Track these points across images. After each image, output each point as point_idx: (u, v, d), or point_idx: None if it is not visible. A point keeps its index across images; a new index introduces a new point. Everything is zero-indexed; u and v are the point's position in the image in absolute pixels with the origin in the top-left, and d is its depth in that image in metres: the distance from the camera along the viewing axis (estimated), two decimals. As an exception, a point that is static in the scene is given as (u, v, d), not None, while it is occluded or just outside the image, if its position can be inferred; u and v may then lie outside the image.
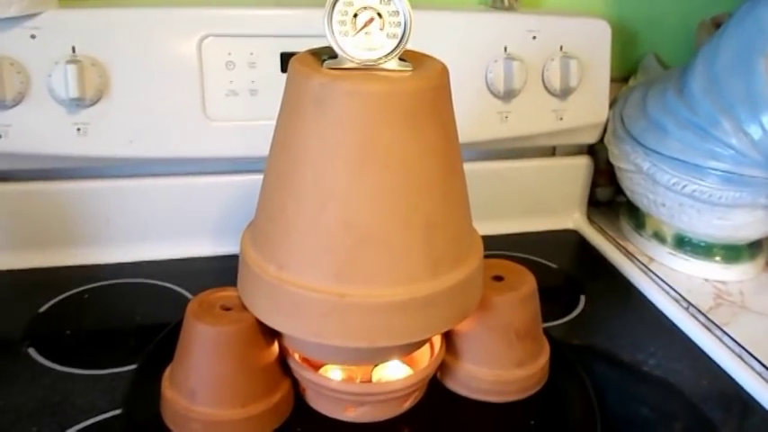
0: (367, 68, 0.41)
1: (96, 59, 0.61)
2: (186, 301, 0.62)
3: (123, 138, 0.63)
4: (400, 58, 0.42)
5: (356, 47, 0.41)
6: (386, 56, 0.41)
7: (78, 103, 0.61)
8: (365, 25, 0.41)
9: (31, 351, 0.55)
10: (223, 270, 0.66)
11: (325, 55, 0.42)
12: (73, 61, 0.59)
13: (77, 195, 0.67)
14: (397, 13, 0.41)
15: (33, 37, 0.59)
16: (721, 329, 0.62)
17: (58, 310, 0.61)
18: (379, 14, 0.41)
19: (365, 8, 0.41)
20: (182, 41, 0.63)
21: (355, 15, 0.41)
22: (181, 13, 0.63)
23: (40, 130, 0.61)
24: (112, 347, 0.56)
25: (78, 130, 0.62)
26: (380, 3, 0.41)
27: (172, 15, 0.63)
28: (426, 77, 0.41)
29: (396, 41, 0.41)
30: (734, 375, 0.57)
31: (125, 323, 0.60)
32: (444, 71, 0.43)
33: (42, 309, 0.61)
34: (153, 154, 0.64)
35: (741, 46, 0.63)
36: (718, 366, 0.58)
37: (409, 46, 0.41)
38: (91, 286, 0.65)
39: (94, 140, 0.63)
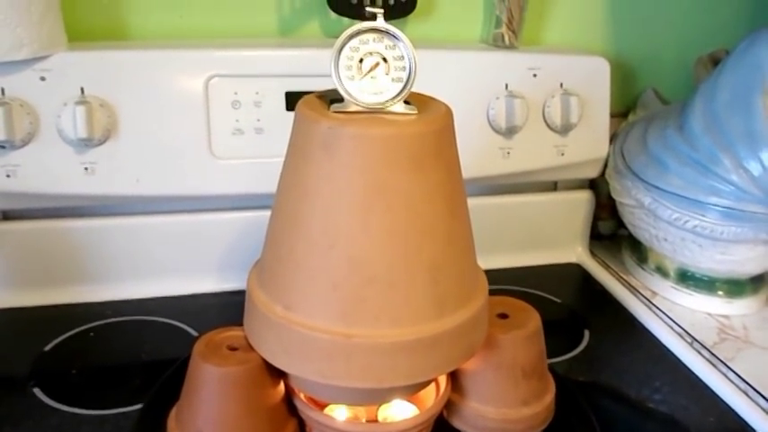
0: (373, 112, 0.42)
1: (104, 100, 0.62)
2: (191, 338, 0.62)
3: (130, 176, 0.64)
4: (406, 101, 0.42)
5: (362, 91, 0.42)
6: (391, 99, 0.42)
7: (86, 143, 0.62)
8: (371, 70, 0.42)
9: (37, 391, 0.55)
10: (228, 306, 0.67)
11: (331, 98, 0.43)
12: (81, 102, 0.60)
13: (85, 233, 0.68)
14: (402, 57, 0.42)
15: (43, 79, 0.60)
16: (726, 365, 0.62)
17: (63, 348, 0.61)
18: (385, 59, 0.42)
19: (371, 53, 0.42)
20: (188, 82, 0.64)
21: (361, 60, 0.42)
22: (187, 55, 0.64)
23: (48, 169, 0.62)
24: (118, 386, 0.56)
25: (86, 169, 0.63)
26: (386, 48, 0.42)
27: (178, 57, 0.64)
28: (431, 120, 0.42)
29: (401, 85, 0.42)
30: (739, 411, 0.57)
31: (131, 361, 0.60)
32: (449, 114, 0.43)
33: (48, 347, 0.61)
34: (160, 192, 0.65)
35: (739, 84, 0.64)
36: (724, 402, 0.58)
37: (414, 86, 0.42)
38: (97, 324, 0.65)
39: (102, 179, 0.63)
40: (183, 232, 0.70)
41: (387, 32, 0.42)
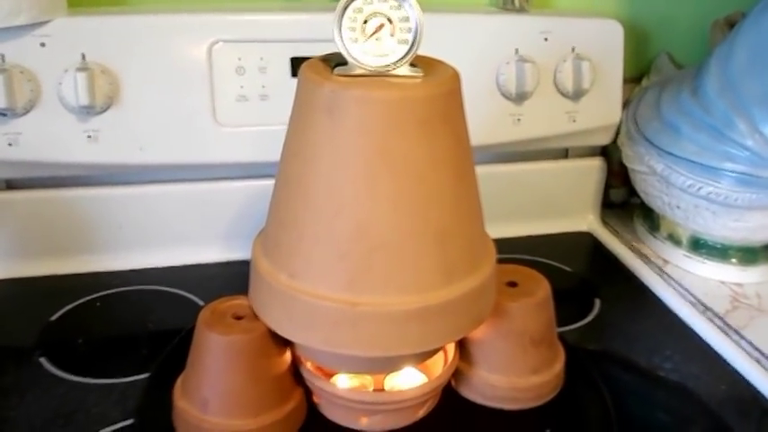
0: (378, 75, 0.41)
1: (106, 67, 0.61)
2: (197, 307, 0.62)
3: (134, 144, 0.63)
4: (411, 64, 0.41)
5: (366, 53, 0.41)
6: (397, 62, 0.41)
7: (88, 111, 0.61)
8: (375, 31, 0.40)
9: (43, 360, 0.55)
10: (235, 275, 0.67)
11: (335, 61, 0.42)
12: (83, 69, 0.59)
13: (88, 202, 0.67)
14: (407, 18, 0.41)
15: (43, 45, 0.59)
16: (738, 333, 0.61)
17: (70, 318, 0.61)
18: (390, 20, 0.40)
19: (375, 14, 0.40)
20: (191, 47, 0.63)
21: (365, 22, 0.40)
22: (190, 20, 0.63)
23: (50, 137, 0.61)
24: (125, 356, 0.56)
25: (89, 137, 0.62)
26: (390, 8, 0.40)
27: (181, 21, 0.63)
28: (438, 83, 0.41)
29: (406, 47, 0.41)
30: (752, 380, 0.56)
31: (137, 331, 0.60)
32: (456, 77, 0.42)
33: (54, 317, 0.61)
34: (163, 160, 0.64)
35: (756, 46, 0.62)
36: (736, 371, 0.57)
37: (420, 49, 0.41)
38: (103, 294, 0.64)
39: (105, 148, 0.63)
40: (188, 201, 0.69)
41: (392, -8, 0.40)
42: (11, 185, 0.67)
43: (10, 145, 0.60)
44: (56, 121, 0.61)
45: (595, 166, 0.82)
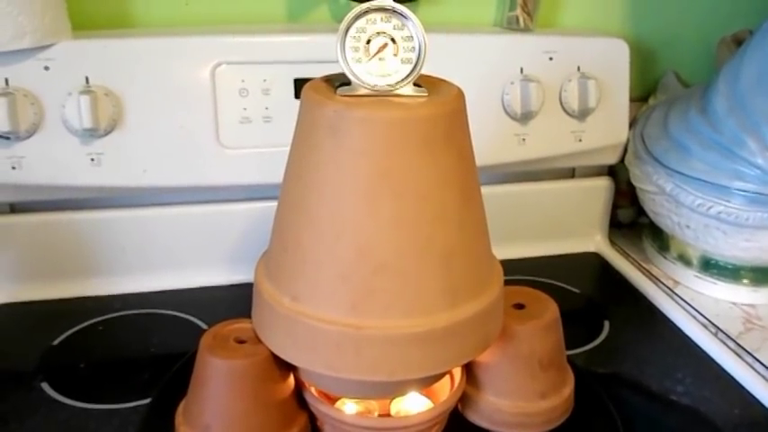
0: (381, 95, 0.40)
1: (110, 89, 0.61)
2: (201, 330, 0.62)
3: (137, 167, 0.63)
4: (415, 84, 0.41)
5: (370, 73, 0.40)
6: (400, 81, 0.40)
7: (92, 134, 0.61)
8: (379, 51, 0.40)
9: (45, 386, 0.54)
10: (239, 298, 0.65)
11: (338, 82, 0.42)
12: (86, 92, 0.59)
13: (92, 226, 0.67)
14: (411, 38, 0.40)
15: (47, 68, 0.59)
16: (752, 356, 0.60)
17: (72, 342, 0.60)
18: (393, 40, 0.40)
19: (378, 34, 0.40)
20: (195, 70, 0.63)
21: (368, 41, 0.40)
22: (193, 42, 0.63)
23: (54, 160, 0.61)
24: (127, 381, 0.55)
25: (92, 160, 0.62)
26: (394, 28, 0.40)
27: (184, 44, 0.63)
28: (442, 103, 0.40)
29: (410, 67, 0.40)
30: (766, 403, 0.55)
31: (139, 355, 0.59)
32: (460, 96, 0.42)
33: (56, 341, 0.60)
34: (167, 183, 0.64)
35: (765, 63, 0.62)
36: (750, 394, 0.56)
37: (424, 69, 0.41)
38: (105, 317, 0.64)
39: (109, 170, 0.62)
40: (191, 224, 0.69)
41: (395, 12, 0.40)
42: (14, 209, 0.67)
43: (13, 168, 0.60)
44: (59, 144, 0.61)
45: (603, 185, 0.81)
